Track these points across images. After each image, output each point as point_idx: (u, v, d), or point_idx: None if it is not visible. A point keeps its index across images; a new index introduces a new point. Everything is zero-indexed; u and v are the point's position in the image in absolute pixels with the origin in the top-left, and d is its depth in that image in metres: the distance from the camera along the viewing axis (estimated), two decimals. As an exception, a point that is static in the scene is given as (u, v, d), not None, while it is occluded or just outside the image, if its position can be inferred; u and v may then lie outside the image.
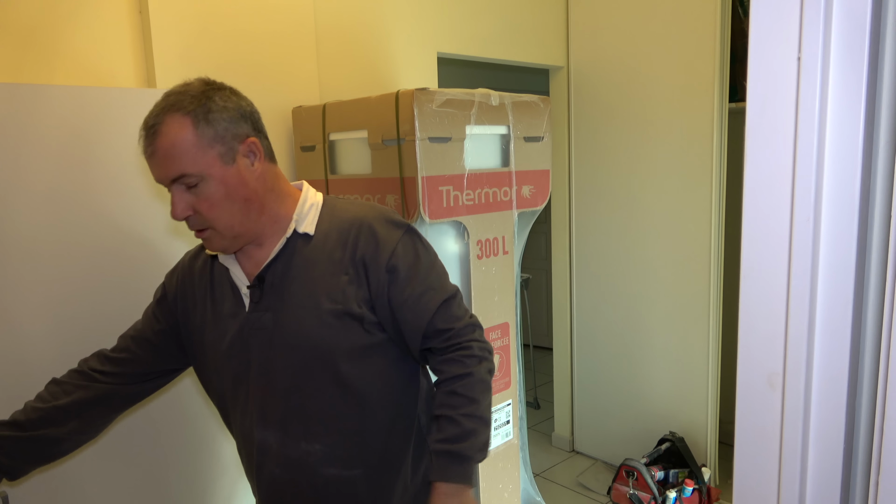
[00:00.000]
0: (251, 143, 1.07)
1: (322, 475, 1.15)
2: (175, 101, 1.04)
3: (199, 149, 1.02)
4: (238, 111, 1.06)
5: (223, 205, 1.05)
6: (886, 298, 0.63)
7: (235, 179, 1.05)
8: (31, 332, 1.43)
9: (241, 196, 1.06)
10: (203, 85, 1.07)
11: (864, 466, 0.68)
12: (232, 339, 1.14)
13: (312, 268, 1.11)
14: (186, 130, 1.02)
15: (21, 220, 1.41)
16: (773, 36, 0.66)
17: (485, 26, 2.78)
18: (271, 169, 1.12)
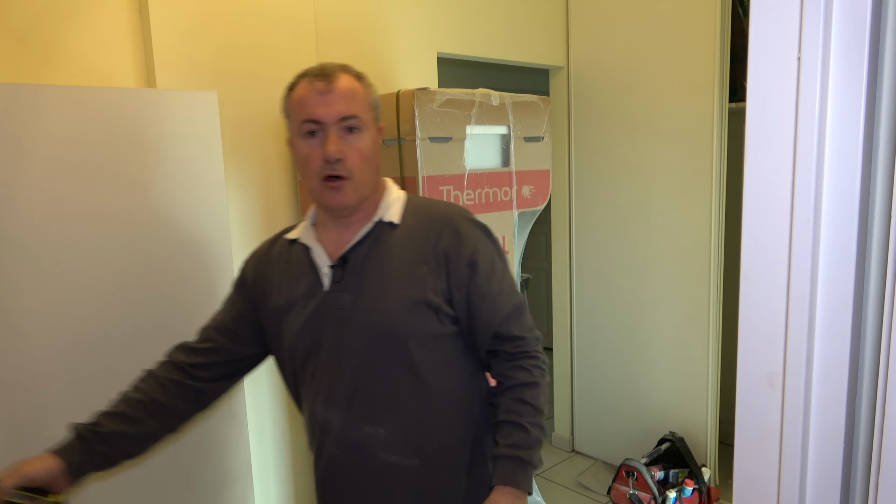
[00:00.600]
0: (382, 128, 1.19)
1: (381, 460, 1.16)
2: (343, 67, 1.14)
3: (367, 104, 1.14)
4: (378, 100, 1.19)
5: (368, 159, 1.13)
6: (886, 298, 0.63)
7: (377, 146, 1.16)
8: (31, 333, 1.43)
9: (375, 161, 1.16)
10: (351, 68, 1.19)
11: (864, 466, 0.68)
12: (308, 317, 1.17)
13: (394, 255, 1.15)
14: (359, 86, 1.14)
15: (21, 220, 1.41)
16: (773, 36, 0.66)
17: (485, 26, 2.78)
18: None
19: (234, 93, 1.99)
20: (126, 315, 1.57)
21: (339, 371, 1.15)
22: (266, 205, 2.13)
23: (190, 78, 1.89)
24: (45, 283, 1.44)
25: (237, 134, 2.02)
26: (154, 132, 1.58)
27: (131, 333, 1.58)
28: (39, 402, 1.46)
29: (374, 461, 1.17)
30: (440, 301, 1.13)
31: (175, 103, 1.61)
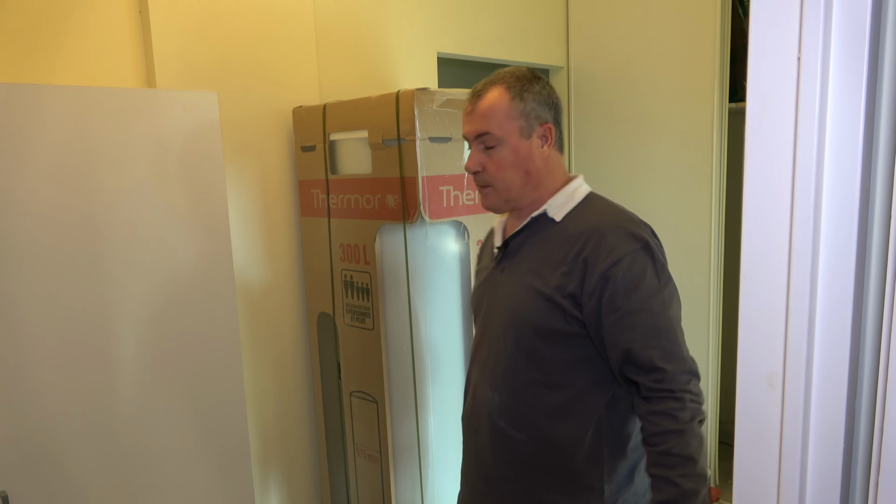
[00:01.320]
0: (547, 129, 1.24)
1: (494, 425, 1.28)
2: (502, 77, 1.25)
3: (507, 117, 1.22)
4: (546, 100, 1.24)
5: (508, 169, 1.23)
6: (886, 298, 0.63)
7: (525, 152, 1.23)
8: (31, 332, 1.43)
9: (524, 168, 1.24)
10: (529, 72, 1.26)
11: (864, 466, 0.68)
12: (479, 284, 1.39)
13: (542, 249, 1.24)
14: (503, 100, 1.22)
15: (21, 220, 1.41)
16: (773, 36, 0.66)
17: (485, 26, 2.78)
18: (556, 156, 1.28)
19: (234, 93, 1.99)
20: (126, 315, 1.57)
21: (484, 337, 1.32)
22: (266, 205, 2.13)
23: (190, 78, 1.89)
24: (44, 282, 1.44)
25: (237, 134, 2.02)
26: (154, 132, 1.58)
27: (131, 333, 1.58)
28: (39, 402, 1.46)
29: (489, 424, 1.28)
30: (566, 303, 1.17)
31: (175, 103, 1.61)
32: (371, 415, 2.00)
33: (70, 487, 1.51)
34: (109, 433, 1.57)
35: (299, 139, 2.09)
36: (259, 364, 2.15)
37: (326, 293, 2.09)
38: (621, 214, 1.23)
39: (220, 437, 1.77)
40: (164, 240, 1.62)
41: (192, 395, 1.71)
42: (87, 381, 1.52)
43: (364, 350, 1.98)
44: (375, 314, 1.92)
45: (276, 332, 2.19)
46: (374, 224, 1.88)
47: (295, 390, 2.26)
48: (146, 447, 1.63)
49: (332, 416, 2.24)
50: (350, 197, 1.94)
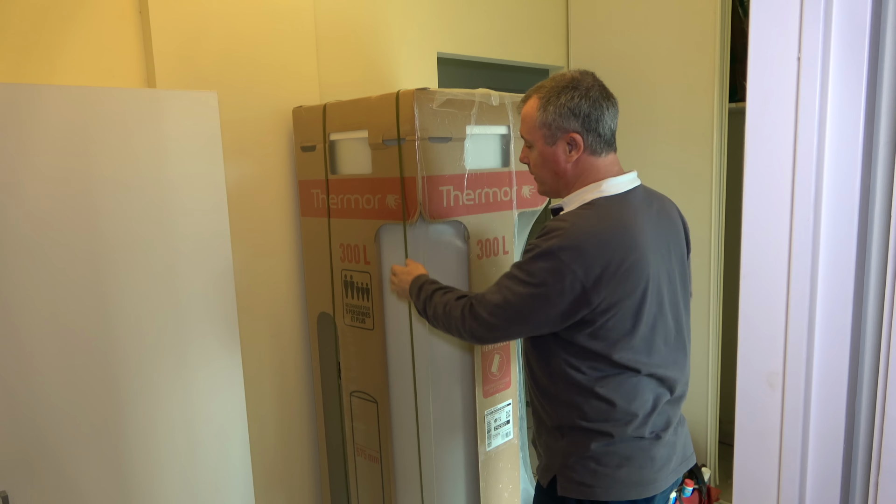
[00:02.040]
0: (572, 137, 1.37)
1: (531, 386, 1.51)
2: (542, 85, 1.39)
3: (534, 125, 1.39)
4: (572, 111, 1.36)
5: (539, 168, 1.43)
6: (886, 298, 0.63)
7: (551, 156, 1.39)
8: (31, 332, 1.43)
9: (552, 169, 1.41)
10: (568, 81, 1.37)
11: (864, 466, 0.68)
12: None
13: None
14: (534, 109, 1.39)
15: (21, 220, 1.41)
16: (773, 36, 0.66)
17: (485, 26, 2.78)
18: (587, 160, 1.40)
19: (234, 93, 1.99)
20: (126, 314, 1.57)
21: None
22: (266, 205, 2.13)
23: (190, 78, 1.89)
24: (44, 282, 1.44)
25: (237, 134, 2.02)
26: (154, 132, 1.58)
27: (131, 333, 1.58)
28: (39, 402, 1.46)
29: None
30: None
31: (175, 103, 1.61)
32: (371, 415, 2.00)
33: (70, 487, 1.51)
34: (109, 433, 1.57)
35: (299, 139, 2.09)
36: (259, 364, 2.15)
37: (326, 293, 2.09)
38: (575, 224, 1.31)
39: (220, 436, 1.77)
40: (164, 240, 1.62)
41: (191, 394, 1.70)
42: (86, 381, 1.52)
43: (364, 350, 1.98)
44: (375, 314, 1.92)
45: (276, 332, 2.19)
46: (374, 224, 1.88)
47: (295, 390, 2.26)
48: (146, 447, 1.63)
49: (332, 416, 2.24)
50: (350, 197, 1.94)
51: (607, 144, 1.43)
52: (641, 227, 1.34)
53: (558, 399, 1.40)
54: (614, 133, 1.45)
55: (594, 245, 1.27)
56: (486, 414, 2.00)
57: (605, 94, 1.42)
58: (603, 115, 1.40)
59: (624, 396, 1.34)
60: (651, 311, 1.34)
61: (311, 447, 2.33)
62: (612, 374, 1.34)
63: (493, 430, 2.03)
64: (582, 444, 1.37)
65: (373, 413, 1.99)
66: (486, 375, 1.98)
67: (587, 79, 1.40)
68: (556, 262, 1.27)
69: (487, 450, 2.01)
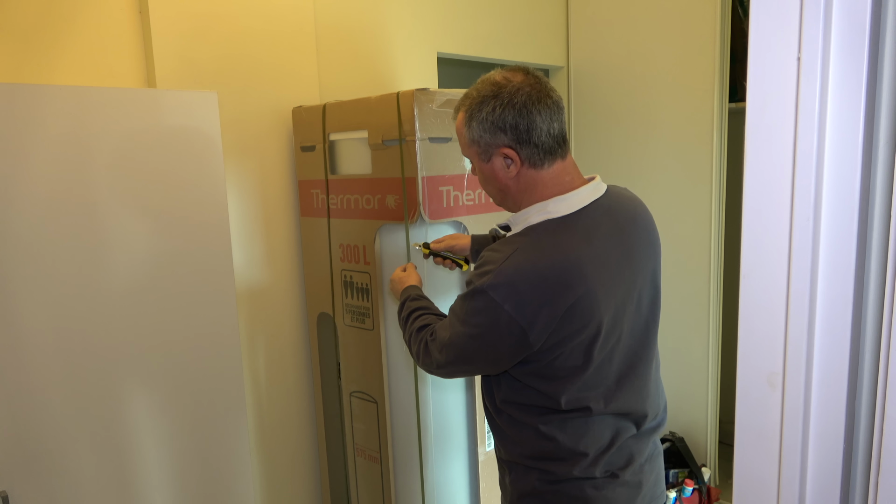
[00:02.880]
0: (505, 152, 1.20)
1: None
2: (467, 95, 1.24)
3: (465, 142, 1.25)
4: (497, 125, 1.18)
5: (485, 185, 1.30)
6: (886, 298, 0.63)
7: (490, 173, 1.25)
8: (31, 332, 1.43)
9: (495, 186, 1.27)
10: (489, 89, 1.19)
11: (864, 466, 0.68)
12: None
13: None
14: (462, 125, 1.25)
15: (21, 220, 1.41)
16: (773, 36, 0.66)
17: (485, 26, 2.78)
18: (530, 174, 1.22)
19: (234, 93, 1.99)
20: (125, 315, 1.57)
21: None
22: (266, 205, 2.13)
23: (190, 78, 1.89)
24: (44, 282, 1.44)
25: (237, 134, 2.02)
26: (154, 132, 1.58)
27: (131, 333, 1.58)
28: (39, 402, 1.46)
29: None
30: None
31: (175, 103, 1.61)
32: (371, 415, 2.00)
33: (70, 487, 1.51)
34: (109, 433, 1.57)
35: (299, 139, 2.09)
36: (259, 364, 2.15)
37: (326, 293, 2.09)
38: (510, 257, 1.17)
39: (220, 436, 1.77)
40: (164, 240, 1.62)
41: (191, 394, 1.71)
42: (87, 380, 1.52)
43: (364, 350, 1.98)
44: (375, 314, 1.92)
45: (276, 332, 2.19)
46: (374, 224, 1.88)
47: (295, 390, 2.26)
48: (146, 447, 1.63)
49: (332, 416, 2.24)
50: (350, 197, 1.94)
51: (549, 153, 1.20)
52: (592, 253, 1.17)
53: (503, 432, 1.31)
54: (558, 137, 1.20)
55: (530, 282, 1.12)
56: (486, 414, 2.00)
57: (537, 95, 1.17)
58: (534, 123, 1.17)
59: (570, 435, 1.23)
60: (607, 345, 1.22)
61: (311, 447, 2.33)
62: (557, 413, 1.23)
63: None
64: (528, 481, 1.28)
65: (373, 413, 1.99)
66: (486, 375, 1.98)
67: (514, 80, 1.18)
68: (489, 303, 1.14)
69: (487, 450, 2.01)
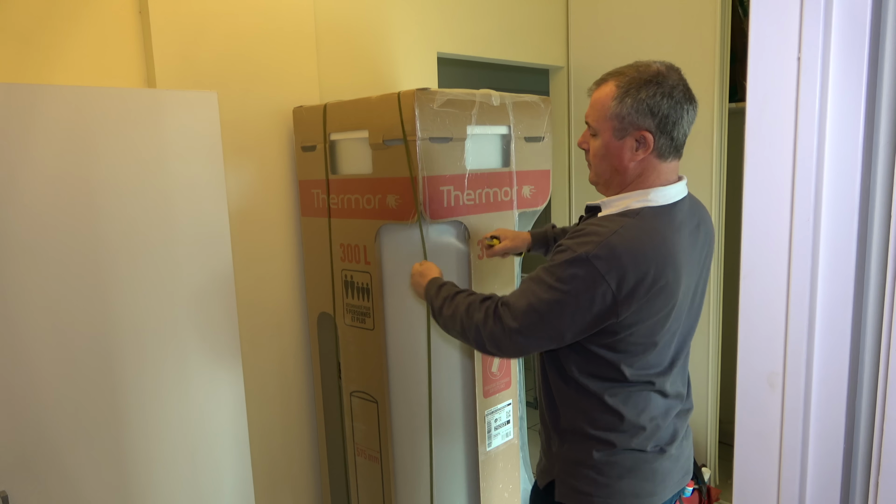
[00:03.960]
0: (642, 136, 1.25)
1: None
2: (622, 72, 1.30)
3: (605, 115, 1.28)
4: (650, 108, 1.24)
5: (599, 159, 1.32)
6: (886, 298, 0.63)
7: (615, 151, 1.28)
8: (31, 333, 1.43)
9: (612, 164, 1.30)
10: (652, 75, 1.26)
11: (864, 466, 0.68)
12: None
13: None
14: (609, 97, 1.28)
15: (21, 220, 1.41)
16: (773, 36, 0.66)
17: (485, 26, 2.78)
18: (653, 162, 1.28)
19: (234, 93, 1.99)
20: (125, 314, 1.57)
21: None
22: (266, 205, 2.13)
23: (190, 78, 1.89)
24: (44, 282, 1.44)
25: (237, 134, 2.02)
26: (154, 132, 1.58)
27: (131, 333, 1.58)
28: (39, 402, 1.46)
29: None
30: None
31: (175, 103, 1.61)
32: (371, 415, 2.00)
33: (70, 487, 1.51)
34: (109, 433, 1.57)
35: (299, 139, 2.09)
36: (259, 364, 2.15)
37: (326, 293, 2.09)
38: (616, 232, 1.22)
39: (220, 437, 1.77)
40: (163, 240, 1.62)
41: (191, 394, 1.71)
42: (86, 380, 1.52)
43: (364, 350, 1.98)
44: (375, 314, 1.92)
45: (276, 332, 2.19)
46: (374, 224, 1.88)
47: (295, 390, 2.26)
48: (145, 447, 1.63)
49: (332, 416, 2.24)
50: (350, 197, 1.94)
51: (676, 150, 1.29)
52: (681, 244, 1.26)
53: (566, 403, 1.37)
54: (685, 139, 1.30)
55: (632, 258, 1.18)
56: (486, 414, 2.00)
57: (689, 96, 1.28)
58: (681, 119, 1.26)
59: (633, 408, 1.31)
60: (672, 328, 1.30)
61: (311, 447, 2.33)
62: (624, 386, 1.30)
63: (493, 430, 2.03)
64: (584, 451, 1.34)
65: (373, 413, 1.99)
66: (486, 375, 1.98)
67: (673, 75, 1.27)
68: (590, 270, 1.18)
69: (487, 450, 2.01)
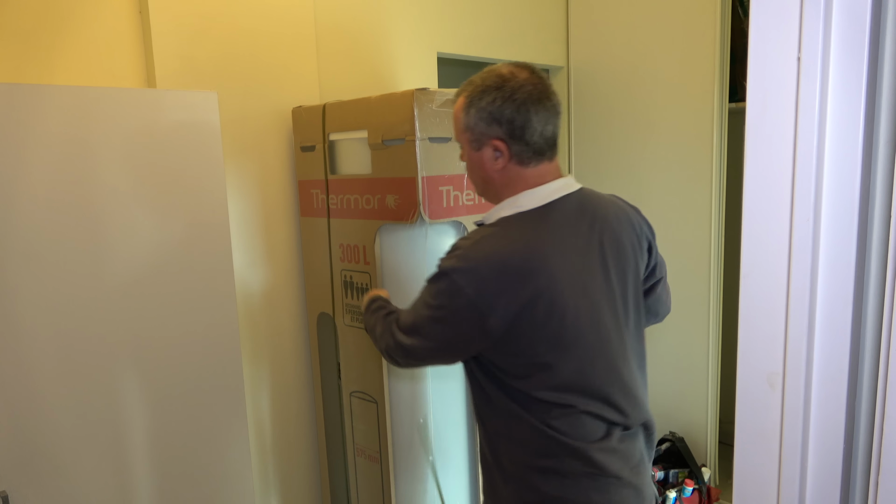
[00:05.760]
0: (496, 144, 1.23)
1: None
2: (471, 81, 1.29)
3: (460, 129, 1.28)
4: (492, 116, 1.22)
5: (469, 172, 1.33)
6: (886, 298, 0.63)
7: (478, 162, 1.28)
8: (31, 333, 1.43)
9: (480, 176, 1.30)
10: (494, 80, 1.26)
11: (864, 466, 0.68)
12: None
13: None
14: (459, 110, 1.28)
15: (21, 221, 1.41)
16: (773, 36, 0.66)
17: (485, 26, 2.78)
18: (516, 170, 1.25)
19: (234, 93, 1.99)
20: (125, 315, 1.57)
21: None
22: (266, 205, 2.13)
23: (190, 78, 1.89)
24: (44, 283, 1.44)
25: (237, 134, 2.02)
26: (154, 132, 1.58)
27: (131, 333, 1.58)
28: (39, 402, 1.46)
29: None
30: None
31: (175, 103, 1.61)
32: (371, 415, 2.00)
33: (70, 487, 1.51)
34: (109, 433, 1.57)
35: (299, 139, 2.09)
36: (259, 364, 2.15)
37: (326, 293, 2.09)
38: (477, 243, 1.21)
39: (220, 437, 1.77)
40: (163, 240, 1.62)
41: (191, 394, 1.70)
42: (87, 381, 1.52)
43: (364, 350, 1.98)
44: (375, 314, 1.92)
45: (276, 332, 2.19)
46: (373, 224, 1.88)
47: (295, 390, 2.26)
48: (146, 447, 1.63)
49: (332, 417, 2.24)
50: (350, 197, 1.94)
51: (537, 153, 1.23)
52: (558, 248, 1.18)
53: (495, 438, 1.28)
54: (550, 139, 1.24)
55: (493, 269, 1.15)
56: (486, 414, 2.00)
57: (538, 95, 1.23)
58: (530, 122, 1.20)
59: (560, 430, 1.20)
60: (581, 341, 1.19)
61: (311, 447, 2.33)
62: (542, 409, 1.20)
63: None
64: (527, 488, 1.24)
65: (373, 413, 1.99)
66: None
67: (519, 77, 1.24)
68: (450, 283, 1.16)
69: (487, 450, 2.01)
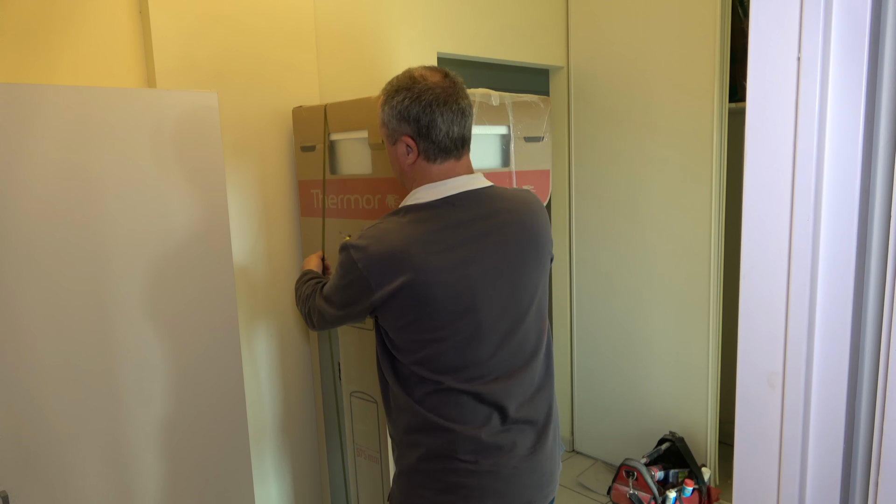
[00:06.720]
0: (406, 141, 1.34)
1: None
2: (387, 84, 1.36)
3: (379, 123, 1.39)
4: (401, 114, 1.32)
5: (390, 164, 1.43)
6: (886, 298, 0.63)
7: (394, 156, 1.39)
8: (31, 332, 1.43)
9: (397, 168, 1.40)
10: (405, 81, 1.32)
11: (864, 466, 0.68)
12: None
13: None
14: (378, 106, 1.38)
15: (21, 221, 1.41)
16: (773, 36, 0.66)
17: (485, 26, 2.78)
18: (424, 165, 1.35)
19: (234, 93, 1.99)
20: (125, 315, 1.57)
21: None
22: (266, 205, 2.13)
23: (190, 78, 1.89)
24: (44, 283, 1.44)
25: (237, 134, 2.02)
26: (154, 132, 1.58)
27: (131, 333, 1.58)
28: (39, 402, 1.46)
29: None
30: None
31: (175, 103, 1.61)
32: (371, 415, 2.00)
33: (70, 487, 1.51)
34: (109, 433, 1.57)
35: (299, 139, 2.09)
36: (259, 364, 2.15)
37: (326, 293, 2.09)
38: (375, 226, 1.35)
39: (220, 436, 1.77)
40: (164, 239, 1.62)
41: (191, 394, 1.71)
42: (87, 381, 1.52)
43: (364, 350, 1.98)
44: (375, 314, 1.92)
45: (277, 331, 2.19)
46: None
47: (295, 390, 2.26)
48: (146, 447, 1.63)
49: (332, 417, 2.24)
50: (350, 197, 1.94)
51: (443, 152, 1.33)
52: (441, 242, 1.28)
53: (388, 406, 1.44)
54: (457, 140, 1.33)
55: (378, 252, 1.29)
56: (486, 414, 2.00)
57: (445, 98, 1.30)
58: (435, 122, 1.29)
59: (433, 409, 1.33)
60: (462, 327, 1.29)
61: (311, 447, 2.33)
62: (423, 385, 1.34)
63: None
64: (407, 457, 1.40)
65: (373, 413, 1.99)
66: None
67: (429, 79, 1.31)
68: (347, 256, 1.34)
69: (487, 450, 2.01)
